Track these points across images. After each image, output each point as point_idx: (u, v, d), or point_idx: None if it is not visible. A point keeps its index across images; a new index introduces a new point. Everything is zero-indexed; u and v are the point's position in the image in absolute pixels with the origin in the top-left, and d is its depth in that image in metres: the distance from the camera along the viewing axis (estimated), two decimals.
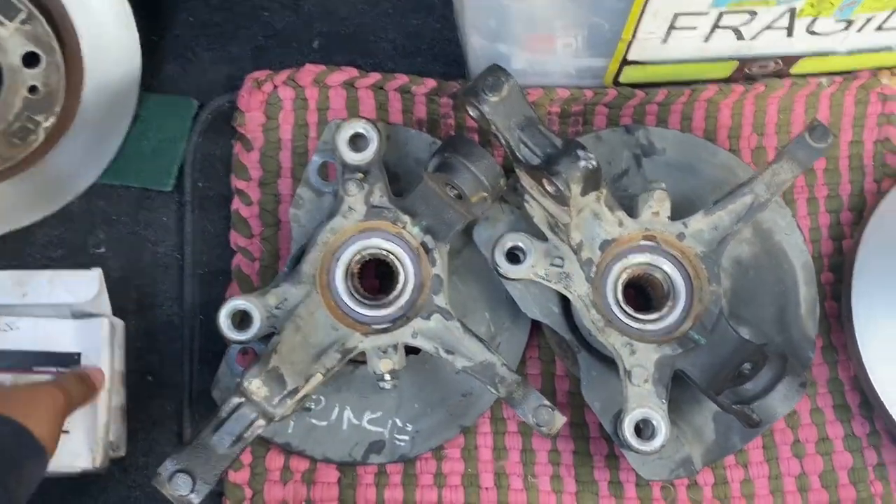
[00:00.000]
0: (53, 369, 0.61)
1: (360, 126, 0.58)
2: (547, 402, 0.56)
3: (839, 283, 0.68)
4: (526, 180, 0.57)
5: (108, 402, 0.62)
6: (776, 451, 0.66)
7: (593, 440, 0.67)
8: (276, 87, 0.71)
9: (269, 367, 0.50)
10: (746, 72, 0.67)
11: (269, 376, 0.50)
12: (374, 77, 0.71)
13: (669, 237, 0.60)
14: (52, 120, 0.66)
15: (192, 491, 0.49)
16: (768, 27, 0.59)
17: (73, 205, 0.72)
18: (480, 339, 0.58)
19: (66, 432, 0.59)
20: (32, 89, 0.65)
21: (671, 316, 0.60)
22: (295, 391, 0.51)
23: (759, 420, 0.54)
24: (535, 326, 0.67)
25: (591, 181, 0.55)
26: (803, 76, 0.69)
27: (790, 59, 0.65)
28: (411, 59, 0.76)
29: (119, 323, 0.67)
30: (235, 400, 0.51)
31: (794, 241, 0.64)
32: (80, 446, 0.61)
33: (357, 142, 0.59)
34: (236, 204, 0.70)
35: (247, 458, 0.65)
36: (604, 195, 0.58)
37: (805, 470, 0.66)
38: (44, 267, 0.70)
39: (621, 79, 0.67)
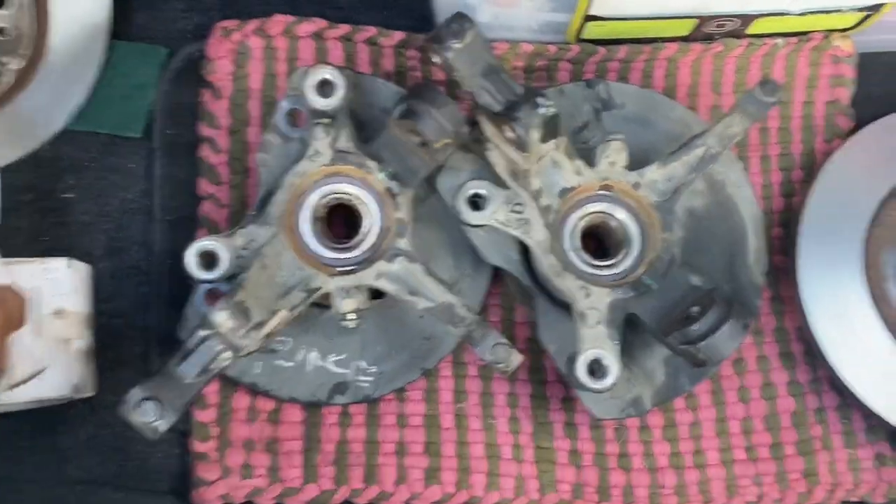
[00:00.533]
0: None
1: (326, 72, 0.60)
2: (504, 341, 0.58)
3: (788, 238, 0.71)
4: (488, 128, 0.59)
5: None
6: (723, 395, 0.70)
7: (550, 384, 0.70)
8: (245, 36, 0.72)
9: (235, 300, 0.52)
10: (705, 31, 0.69)
11: (236, 309, 0.52)
12: (344, 29, 0.72)
13: (626, 186, 0.62)
14: (21, 63, 0.67)
15: (159, 418, 0.50)
16: None
17: (44, 150, 0.72)
18: (441, 282, 0.60)
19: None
20: (1, 31, 0.65)
21: (625, 262, 0.62)
22: (260, 325, 0.52)
23: (704, 359, 0.57)
24: (497, 275, 0.69)
25: (550, 128, 0.57)
26: (760, 37, 0.71)
27: (747, 19, 0.68)
28: (379, 11, 0.76)
29: (84, 267, 0.68)
30: (202, 332, 0.52)
31: (745, 195, 0.67)
32: (57, 380, 0.62)
33: (324, 88, 0.60)
34: (205, 151, 0.71)
35: (213, 398, 0.67)
36: (563, 144, 0.60)
37: (750, 413, 0.70)
38: (14, 211, 0.70)
39: (584, 34, 0.69)
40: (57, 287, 0.64)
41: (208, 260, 0.59)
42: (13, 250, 0.68)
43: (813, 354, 0.70)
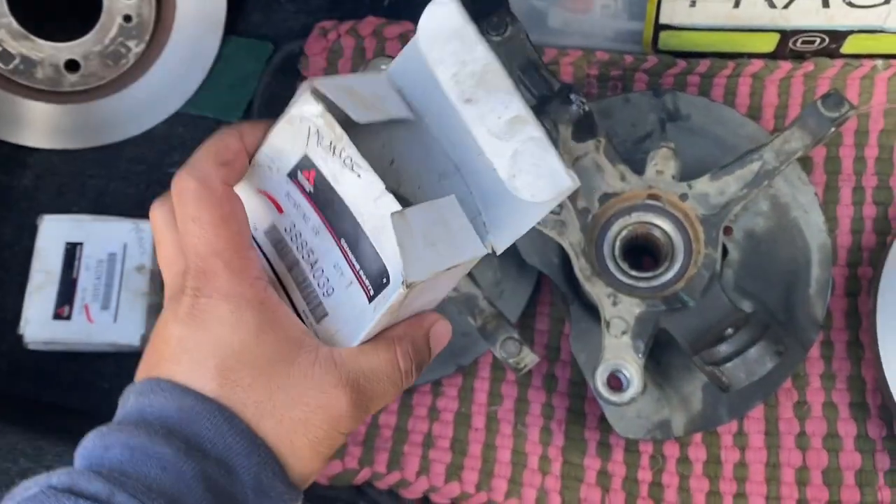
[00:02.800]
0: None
1: (384, 63, 0.62)
2: (516, 336, 0.57)
3: (875, 279, 0.65)
4: None
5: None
6: (779, 439, 0.64)
7: (589, 400, 0.67)
8: (339, 35, 0.77)
9: None
10: (792, 48, 0.66)
11: None
12: None
13: (672, 197, 0.60)
14: (141, 46, 0.76)
15: None
16: None
17: (158, 128, 0.81)
18: (469, 274, 0.60)
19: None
20: (127, 18, 0.75)
21: (665, 275, 0.60)
22: None
23: (728, 383, 0.53)
24: (549, 284, 0.68)
25: (584, 126, 0.56)
26: (857, 57, 0.66)
27: (837, 36, 0.63)
28: (475, 21, 0.79)
29: None
30: None
31: (813, 220, 0.62)
32: (129, 327, 0.69)
33: None
34: None
35: None
36: (602, 144, 0.59)
37: (807, 463, 0.63)
38: (125, 180, 0.79)
39: (660, 45, 0.68)
40: (142, 246, 0.72)
41: None
42: (120, 212, 0.76)
43: (890, 410, 0.62)
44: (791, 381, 0.64)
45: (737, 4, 0.60)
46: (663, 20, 0.63)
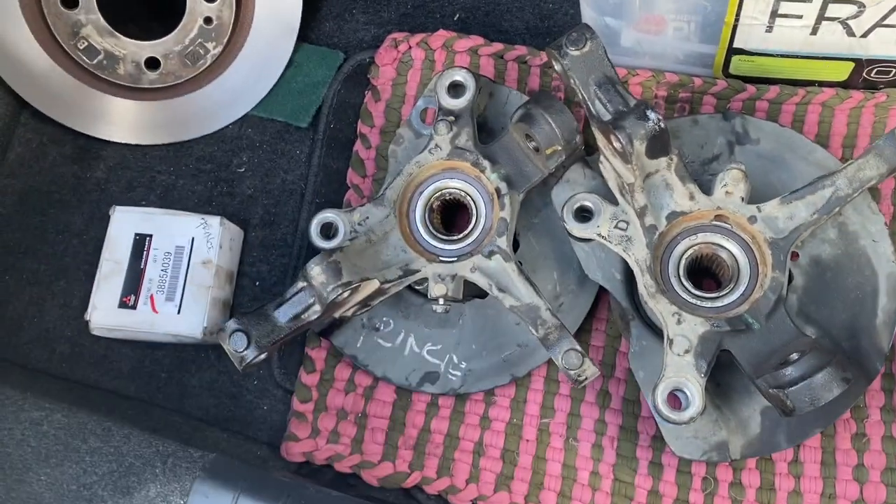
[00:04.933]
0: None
1: (460, 74, 0.64)
2: (578, 348, 0.58)
3: None
4: (599, 139, 0.60)
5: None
6: (835, 469, 0.63)
7: (643, 419, 0.67)
8: (410, 47, 0.78)
9: (329, 259, 0.57)
10: (866, 77, 0.66)
11: (329, 266, 0.57)
12: (496, 47, 0.77)
13: (741, 219, 0.60)
14: (218, 49, 0.78)
15: (245, 349, 0.56)
16: (881, 24, 0.58)
17: (228, 129, 0.83)
18: (532, 284, 0.61)
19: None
20: (207, 20, 0.77)
21: (729, 297, 0.60)
22: (348, 283, 0.57)
23: (792, 407, 0.53)
24: (607, 300, 0.69)
25: (658, 143, 0.56)
26: None
27: None
28: (540, 38, 0.80)
29: (235, 229, 0.76)
30: (300, 284, 0.58)
31: (882, 250, 0.62)
32: (191, 320, 0.71)
33: (456, 89, 0.65)
34: (358, 146, 0.78)
35: (319, 364, 0.72)
36: (674, 163, 0.59)
37: (864, 497, 0.62)
38: (193, 177, 0.81)
39: (731, 70, 0.68)
40: (208, 240, 0.73)
41: (328, 230, 0.65)
42: (186, 208, 0.78)
43: None
44: (850, 412, 0.64)
45: (815, 31, 0.60)
46: (737, 44, 0.64)
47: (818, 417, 0.60)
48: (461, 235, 0.65)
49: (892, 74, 0.64)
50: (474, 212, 0.64)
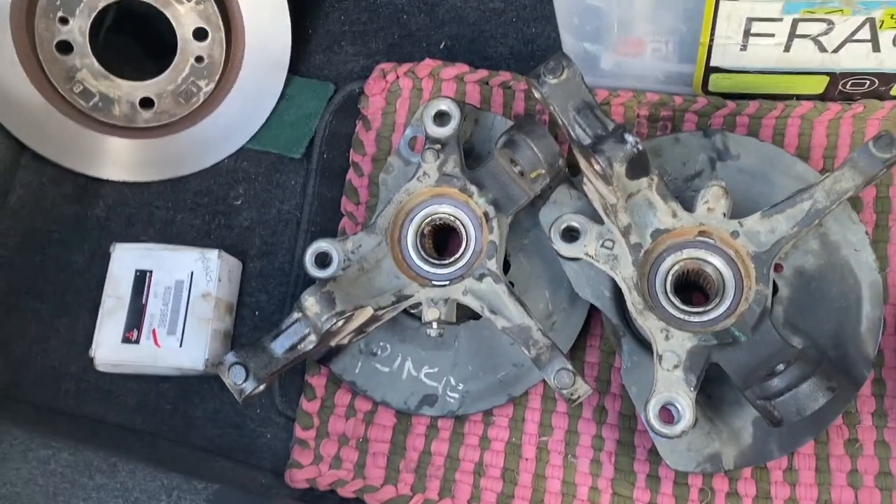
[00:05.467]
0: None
1: (444, 104, 0.66)
2: (570, 367, 0.59)
3: None
4: (581, 161, 0.61)
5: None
6: (830, 476, 0.64)
7: (639, 433, 0.68)
8: (398, 76, 0.80)
9: (323, 290, 0.58)
10: (842, 89, 0.67)
11: (323, 297, 0.58)
12: (481, 73, 0.78)
13: (724, 234, 0.61)
14: (211, 86, 0.80)
15: (244, 381, 0.57)
16: (850, 39, 0.59)
17: (223, 163, 0.85)
18: (523, 305, 0.63)
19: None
20: (199, 59, 0.79)
21: (716, 311, 0.61)
22: (342, 312, 0.58)
23: (780, 417, 0.54)
24: (600, 317, 0.70)
25: (638, 164, 0.58)
26: None
27: (887, 78, 0.65)
28: (524, 63, 0.82)
29: (234, 261, 0.78)
30: (295, 315, 0.59)
31: (864, 259, 0.63)
32: (193, 352, 0.72)
33: (441, 118, 0.66)
34: (350, 175, 0.80)
35: (320, 391, 0.74)
36: (655, 182, 0.61)
37: (860, 502, 0.63)
38: (191, 211, 0.83)
39: (710, 87, 0.70)
40: (207, 273, 0.75)
41: (322, 259, 0.66)
42: (185, 242, 0.80)
43: None
44: (842, 418, 0.65)
45: (787, 48, 0.62)
46: (714, 63, 0.65)
47: (809, 426, 0.61)
48: (452, 259, 0.66)
49: (866, 86, 0.66)
50: (464, 236, 0.66)
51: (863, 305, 0.62)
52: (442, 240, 0.72)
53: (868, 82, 0.65)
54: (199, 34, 0.79)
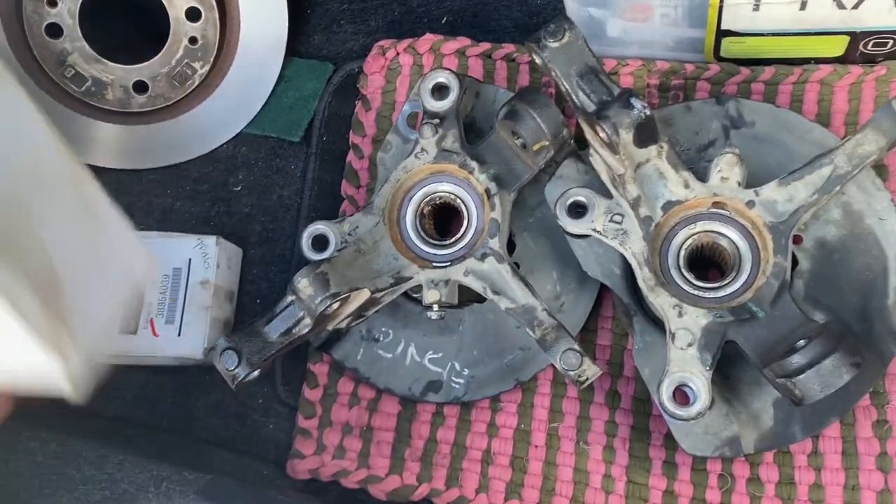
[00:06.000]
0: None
1: (443, 76, 0.63)
2: (577, 347, 0.56)
3: None
4: (587, 130, 0.58)
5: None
6: (857, 460, 0.61)
7: (654, 417, 0.65)
8: (398, 53, 0.78)
9: (317, 271, 0.56)
10: (863, 51, 0.63)
11: (316, 278, 0.56)
12: (484, 46, 0.75)
13: (739, 205, 0.58)
14: (206, 68, 0.78)
15: (236, 367, 0.55)
16: None
17: (222, 149, 0.83)
18: (528, 285, 0.60)
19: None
20: (192, 40, 0.77)
21: (732, 286, 0.58)
22: (336, 294, 0.56)
23: (801, 395, 0.51)
24: (611, 298, 0.67)
25: (646, 131, 0.55)
26: None
27: None
28: (529, 35, 0.79)
29: (233, 248, 0.76)
30: (289, 298, 0.57)
31: (890, 227, 0.59)
32: (192, 341, 0.70)
33: (440, 91, 0.63)
34: (350, 157, 0.77)
35: (322, 379, 0.71)
36: (665, 150, 0.57)
37: (889, 487, 0.60)
38: (190, 199, 0.81)
39: (722, 53, 0.66)
40: (205, 260, 0.73)
41: (319, 242, 0.64)
42: (185, 230, 0.78)
43: None
44: (869, 398, 0.61)
45: (803, 6, 0.58)
46: (725, 26, 0.62)
47: (834, 405, 0.58)
48: (453, 240, 0.63)
49: (889, 46, 0.62)
50: (465, 214, 0.63)
51: (889, 277, 0.59)
52: (444, 220, 0.69)
53: (892, 41, 0.61)
54: (192, 14, 0.77)
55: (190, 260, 0.73)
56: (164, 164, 0.82)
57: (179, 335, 0.71)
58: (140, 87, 0.79)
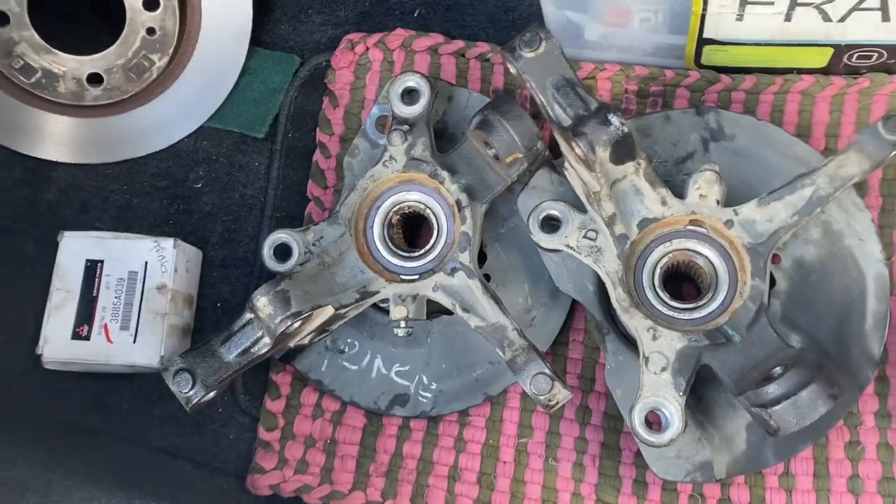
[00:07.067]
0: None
1: (413, 80, 0.60)
2: (548, 371, 0.54)
3: None
4: (562, 144, 0.56)
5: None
6: (829, 481, 0.60)
7: (625, 435, 0.64)
8: (367, 48, 0.74)
9: (277, 288, 0.53)
10: (847, 63, 0.61)
11: (276, 296, 0.53)
12: (457, 44, 0.72)
13: (717, 224, 0.56)
14: (164, 60, 0.74)
15: (191, 389, 0.52)
16: (858, 7, 0.54)
17: (182, 143, 0.79)
18: (498, 302, 0.58)
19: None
20: (150, 31, 0.73)
21: (707, 307, 0.56)
22: (298, 314, 0.53)
23: (776, 427, 0.49)
24: (584, 311, 0.65)
25: (623, 148, 0.52)
26: None
27: (895, 50, 0.59)
28: (504, 32, 0.76)
29: (192, 250, 0.73)
30: (247, 316, 0.54)
31: (869, 249, 0.58)
32: (147, 349, 0.67)
33: (410, 95, 0.60)
34: (317, 156, 0.74)
35: (285, 389, 0.69)
36: (642, 167, 0.55)
37: None
38: (148, 195, 0.78)
39: (703, 61, 0.64)
40: (162, 264, 0.70)
41: (282, 251, 0.61)
42: (143, 229, 0.75)
43: None
44: (842, 419, 0.60)
45: (788, 18, 0.56)
46: (707, 34, 0.60)
47: (807, 431, 0.56)
48: (422, 252, 0.61)
49: (873, 59, 0.60)
50: (435, 225, 0.61)
51: (867, 300, 0.57)
52: (412, 231, 0.66)
53: (875, 55, 0.60)
54: (150, 3, 0.73)
55: (146, 263, 0.70)
56: (121, 159, 0.78)
57: (135, 342, 0.68)
58: (94, 79, 0.75)
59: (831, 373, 0.50)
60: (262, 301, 0.53)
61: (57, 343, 0.69)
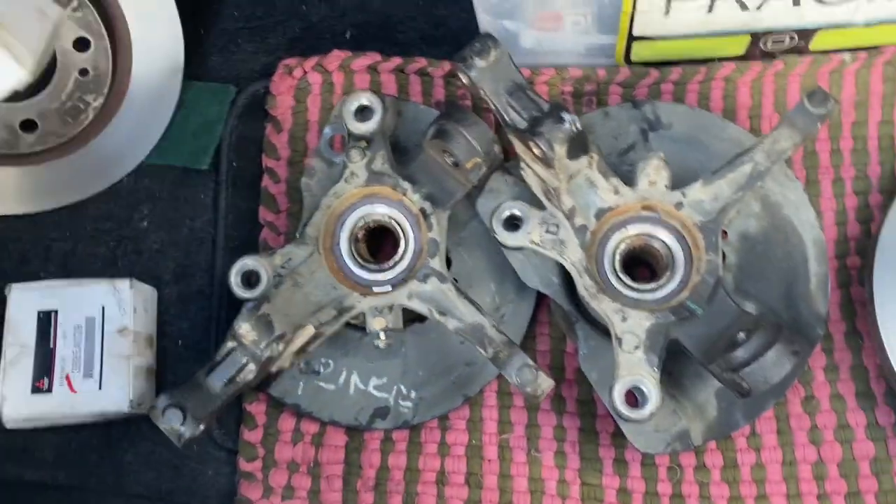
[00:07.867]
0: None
1: (365, 98, 0.61)
2: (531, 363, 0.56)
3: (865, 267, 0.66)
4: (518, 146, 0.58)
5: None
6: (791, 436, 0.64)
7: (600, 418, 0.67)
8: (305, 72, 0.75)
9: (259, 313, 0.53)
10: (762, 48, 0.66)
11: (259, 322, 0.53)
12: (396, 61, 0.74)
13: (668, 207, 0.60)
14: (100, 100, 0.73)
15: (182, 424, 0.52)
16: None
17: (122, 182, 0.78)
18: (472, 302, 0.59)
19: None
20: (83, 72, 0.72)
21: (669, 285, 0.59)
22: (282, 336, 0.53)
23: (748, 388, 0.53)
24: (547, 303, 0.67)
25: (577, 144, 0.55)
26: (825, 52, 0.67)
27: (806, 34, 0.64)
28: (437, 47, 0.78)
29: (148, 289, 0.71)
30: (230, 345, 0.54)
31: (805, 217, 0.62)
32: (115, 393, 0.66)
33: (363, 113, 0.62)
34: (266, 181, 0.74)
35: (261, 418, 0.68)
36: (595, 160, 0.58)
37: (822, 457, 0.63)
38: (93, 239, 0.76)
39: (632, 57, 0.68)
40: (121, 306, 0.68)
41: (250, 279, 0.61)
42: (90, 275, 0.73)
43: (895, 395, 0.63)
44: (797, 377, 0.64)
45: (710, 9, 0.60)
46: (637, 32, 0.64)
47: (771, 391, 0.61)
48: (392, 263, 0.62)
49: (786, 42, 0.65)
50: (402, 236, 0.62)
51: (809, 263, 0.62)
52: (377, 244, 0.67)
53: (788, 38, 0.65)
54: (81, 44, 0.71)
55: (103, 307, 0.68)
56: (60, 205, 0.76)
57: (101, 388, 0.67)
58: (28, 125, 0.73)
59: (790, 333, 0.54)
60: (245, 328, 0.53)
61: (16, 400, 0.67)
